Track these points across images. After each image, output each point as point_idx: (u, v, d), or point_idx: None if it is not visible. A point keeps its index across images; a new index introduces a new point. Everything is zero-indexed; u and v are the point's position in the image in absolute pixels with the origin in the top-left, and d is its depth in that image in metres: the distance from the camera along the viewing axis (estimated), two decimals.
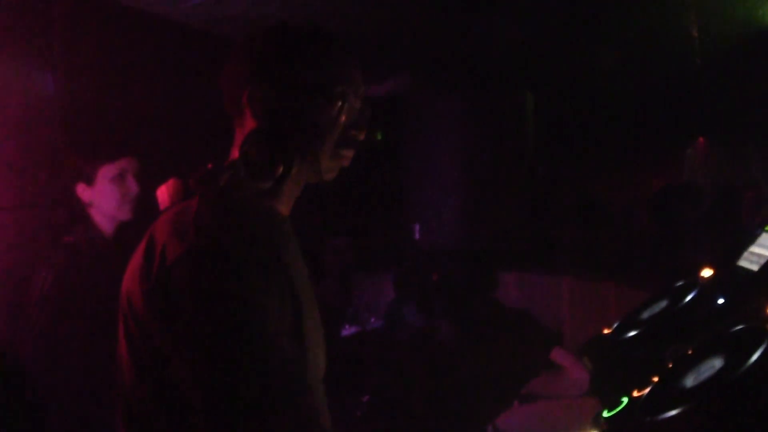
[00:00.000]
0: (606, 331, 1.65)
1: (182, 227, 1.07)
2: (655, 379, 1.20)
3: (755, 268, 1.43)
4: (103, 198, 2.20)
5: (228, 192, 1.16)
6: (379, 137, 1.29)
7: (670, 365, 1.22)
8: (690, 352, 1.20)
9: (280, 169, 1.14)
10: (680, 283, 1.62)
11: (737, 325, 1.16)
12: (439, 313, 3.73)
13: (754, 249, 1.49)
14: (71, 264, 2.11)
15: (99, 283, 1.88)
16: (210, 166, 1.18)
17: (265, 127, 1.16)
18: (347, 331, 3.89)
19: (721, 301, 1.43)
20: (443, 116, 4.66)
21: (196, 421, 0.98)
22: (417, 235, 4.55)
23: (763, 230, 1.51)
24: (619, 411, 1.15)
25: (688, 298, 1.51)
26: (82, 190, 2.20)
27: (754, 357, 0.99)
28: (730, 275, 1.51)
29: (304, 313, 1.10)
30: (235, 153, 1.20)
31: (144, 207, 2.17)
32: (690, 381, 1.08)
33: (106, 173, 2.19)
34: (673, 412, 1.00)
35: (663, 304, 1.59)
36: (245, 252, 1.03)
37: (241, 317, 0.98)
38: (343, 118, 1.19)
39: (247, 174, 1.14)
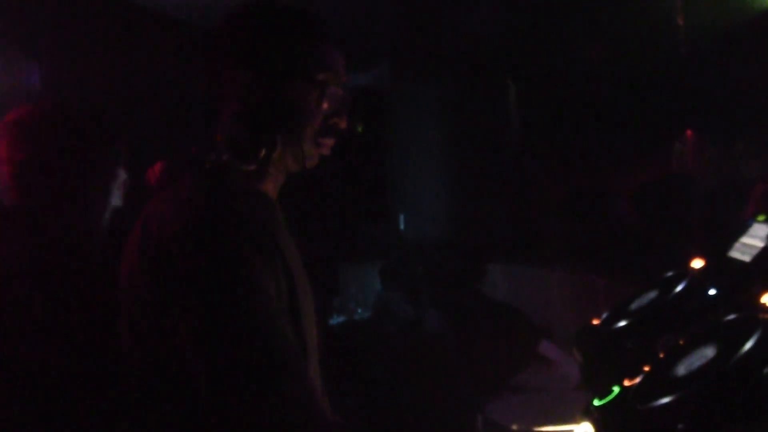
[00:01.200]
0: (595, 322, 1.64)
1: (177, 206, 1.07)
2: (647, 368, 1.19)
3: (747, 258, 1.43)
4: None
5: (216, 174, 1.16)
6: (360, 130, 1.28)
7: (662, 355, 1.21)
8: (681, 342, 1.19)
9: (263, 151, 1.14)
10: (669, 274, 1.62)
11: (729, 315, 1.15)
12: (427, 305, 3.72)
13: (746, 240, 1.48)
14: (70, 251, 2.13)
15: (96, 271, 1.89)
16: (194, 149, 1.18)
17: (246, 110, 1.16)
18: (334, 321, 3.89)
19: (712, 292, 1.42)
20: (427, 107, 4.67)
21: (199, 394, 0.98)
22: (402, 226, 4.55)
23: (754, 221, 1.50)
24: (610, 400, 1.14)
25: (678, 289, 1.50)
26: None
27: (747, 346, 0.98)
28: (722, 266, 1.50)
29: (299, 293, 1.11)
30: (218, 136, 1.20)
31: (137, 196, 2.19)
32: (682, 370, 1.07)
33: None
34: (665, 400, 0.99)
35: (652, 294, 1.58)
36: (241, 230, 1.03)
37: (242, 293, 0.99)
38: (325, 105, 1.19)
39: (231, 156, 1.14)
